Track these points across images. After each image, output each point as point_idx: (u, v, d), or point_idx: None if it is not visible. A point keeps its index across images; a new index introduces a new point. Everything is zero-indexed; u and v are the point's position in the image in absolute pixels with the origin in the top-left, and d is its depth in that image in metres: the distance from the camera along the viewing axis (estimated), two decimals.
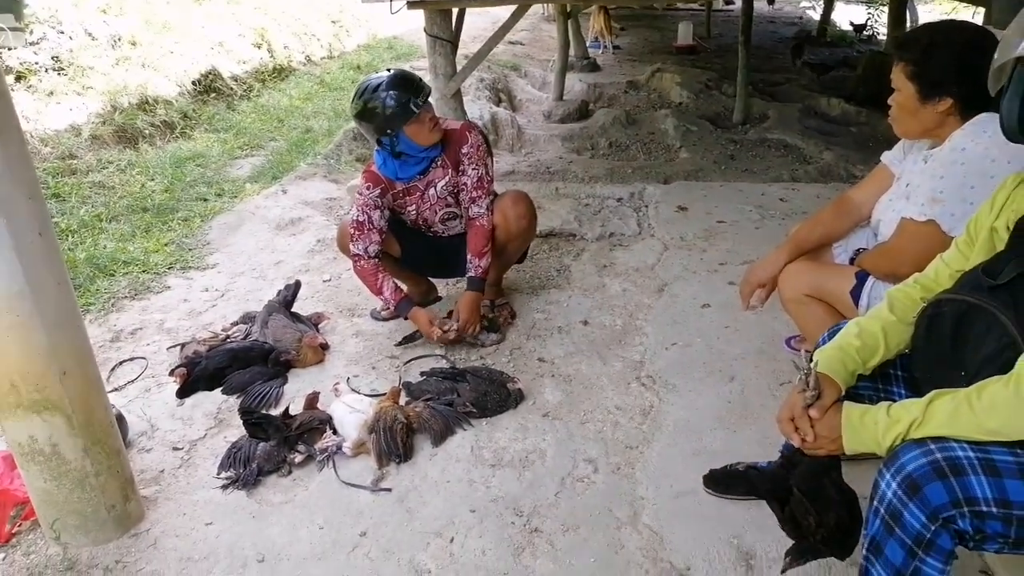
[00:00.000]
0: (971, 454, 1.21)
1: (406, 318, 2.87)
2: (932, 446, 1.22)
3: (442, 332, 2.79)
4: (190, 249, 3.86)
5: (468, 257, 2.90)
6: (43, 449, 1.87)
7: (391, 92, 2.65)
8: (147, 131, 5.44)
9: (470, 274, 2.90)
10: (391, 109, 2.65)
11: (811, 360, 1.46)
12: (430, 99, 2.79)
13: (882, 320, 1.53)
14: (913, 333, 1.48)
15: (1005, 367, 1.22)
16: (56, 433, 1.87)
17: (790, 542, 1.63)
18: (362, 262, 2.83)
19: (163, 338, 3.05)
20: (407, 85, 2.69)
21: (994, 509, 1.19)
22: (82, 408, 1.88)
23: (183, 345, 2.91)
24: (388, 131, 2.70)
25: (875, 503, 1.29)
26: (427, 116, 2.72)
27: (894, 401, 1.34)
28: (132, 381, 2.75)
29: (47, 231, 1.77)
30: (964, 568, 1.74)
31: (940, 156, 1.85)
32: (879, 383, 1.58)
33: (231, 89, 6.76)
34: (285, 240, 4.01)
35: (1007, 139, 1.31)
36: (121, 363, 2.87)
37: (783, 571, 1.65)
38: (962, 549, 1.28)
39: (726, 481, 2.05)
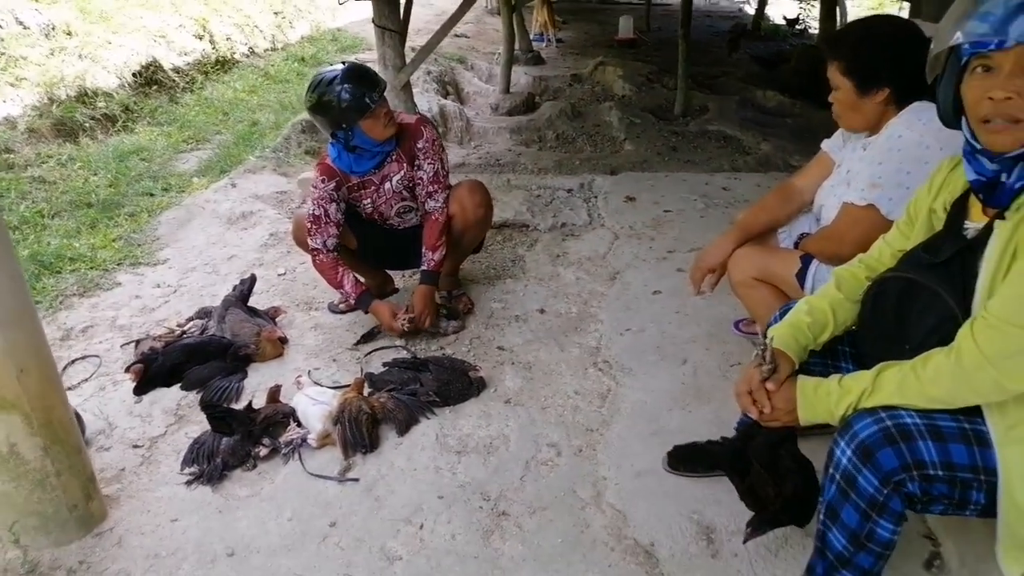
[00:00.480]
0: (918, 420, 1.31)
1: (366, 312, 2.89)
2: (883, 414, 1.32)
3: (404, 323, 2.82)
4: (139, 245, 3.78)
5: (423, 251, 2.92)
6: (0, 450, 1.84)
7: (346, 86, 2.65)
8: (87, 124, 5.28)
9: (424, 267, 2.92)
10: (346, 103, 2.65)
11: (767, 337, 1.55)
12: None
13: (830, 298, 1.64)
14: (860, 310, 1.58)
15: (946, 339, 1.33)
16: (14, 432, 1.83)
17: (747, 515, 1.73)
18: (320, 256, 2.83)
19: (116, 335, 3.00)
20: (362, 79, 2.70)
21: (940, 472, 1.30)
22: (41, 406, 1.86)
23: (138, 342, 2.87)
24: (343, 125, 2.71)
25: (831, 470, 1.38)
26: (382, 111, 2.73)
27: (843, 375, 1.43)
28: (86, 379, 2.70)
29: (0, 228, 1.73)
30: (908, 532, 1.86)
31: (877, 143, 1.96)
32: (828, 359, 1.68)
33: (173, 81, 6.60)
34: (237, 234, 3.97)
35: (943, 124, 1.41)
36: (73, 361, 2.81)
37: (744, 541, 1.75)
38: (908, 514, 1.38)
39: (688, 457, 2.13)
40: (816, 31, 10.72)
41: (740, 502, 1.75)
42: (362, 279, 3.02)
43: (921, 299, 1.40)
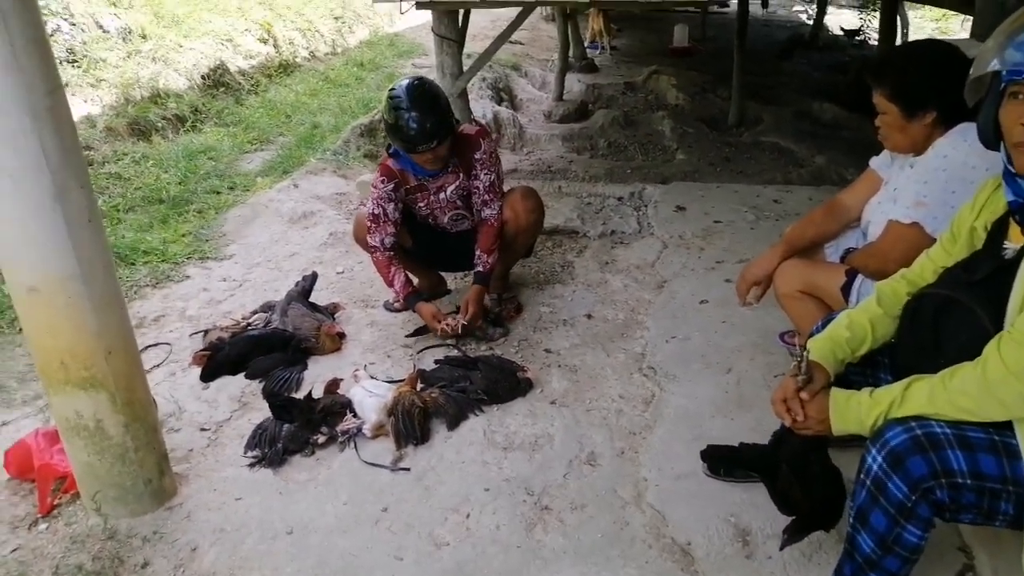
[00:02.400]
0: (948, 431, 1.36)
1: (413, 311, 3.01)
2: (913, 424, 1.38)
3: (446, 326, 2.91)
4: (207, 240, 3.98)
5: (477, 253, 3.03)
6: (87, 424, 2.00)
7: (411, 121, 2.70)
8: (159, 124, 5.55)
9: (478, 269, 3.03)
10: (400, 131, 2.73)
11: (804, 349, 1.61)
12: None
13: (870, 313, 1.69)
14: (898, 324, 1.63)
15: (978, 356, 1.38)
16: (101, 409, 1.99)
17: (783, 520, 1.79)
18: (378, 254, 2.96)
19: (185, 325, 3.18)
20: (424, 118, 2.71)
21: (968, 481, 1.35)
22: (125, 386, 2.01)
23: (206, 332, 3.04)
24: (391, 147, 2.86)
25: (862, 476, 1.44)
26: (428, 156, 2.80)
27: (879, 386, 1.49)
28: (158, 365, 2.88)
29: (96, 217, 1.89)
30: (942, 544, 1.89)
31: (924, 162, 2.00)
32: (868, 370, 1.74)
33: (239, 83, 6.87)
34: (298, 233, 4.14)
35: (984, 147, 1.46)
36: (146, 348, 2.99)
37: (781, 548, 1.81)
38: (942, 525, 1.43)
39: (721, 455, 2.19)
40: (876, 43, 10.56)
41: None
42: (415, 279, 3.14)
43: (956, 316, 1.45)
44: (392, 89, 2.81)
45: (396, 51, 9.87)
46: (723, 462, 2.19)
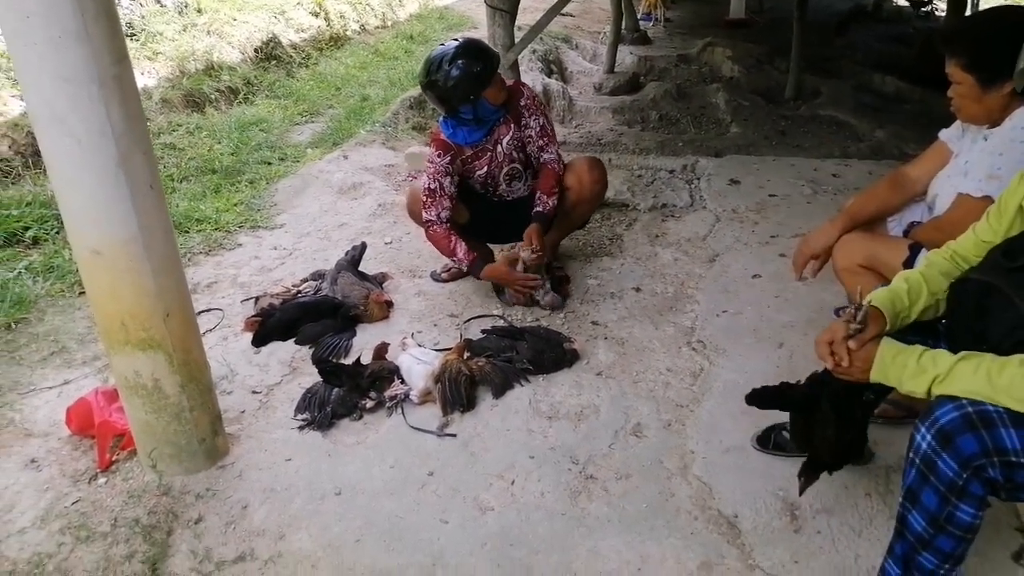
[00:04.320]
0: (1001, 408, 1.31)
1: (479, 277, 3.00)
2: (964, 400, 1.33)
3: (523, 276, 2.92)
4: (258, 210, 4.05)
5: (537, 195, 3.03)
6: (146, 384, 2.06)
7: (470, 60, 2.77)
8: (213, 96, 5.64)
9: (537, 209, 3.01)
10: (472, 76, 2.77)
11: (865, 299, 1.57)
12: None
13: (920, 271, 1.66)
14: (946, 306, 1.58)
15: (1018, 346, 1.34)
16: (158, 369, 2.04)
17: (833, 495, 1.77)
18: (435, 227, 2.96)
19: (237, 291, 3.25)
20: (480, 53, 2.83)
21: (1023, 459, 1.30)
22: (181, 347, 2.06)
23: (257, 298, 3.10)
24: (471, 97, 2.82)
25: (911, 455, 1.41)
26: (496, 85, 2.87)
27: (927, 349, 1.45)
28: (211, 329, 2.95)
29: (156, 184, 1.93)
30: (999, 523, 1.83)
31: (1000, 133, 1.90)
32: (928, 339, 1.68)
33: (290, 57, 6.93)
34: (347, 204, 4.18)
35: None
36: (199, 313, 3.05)
37: (800, 493, 1.84)
38: (1000, 504, 1.38)
39: (768, 396, 2.11)
40: (943, 14, 10.12)
41: (828, 483, 1.79)
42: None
43: (998, 303, 1.41)
44: (437, 59, 2.81)
45: (446, 24, 9.83)
46: (767, 400, 2.12)
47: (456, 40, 2.89)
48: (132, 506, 2.07)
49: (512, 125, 3.01)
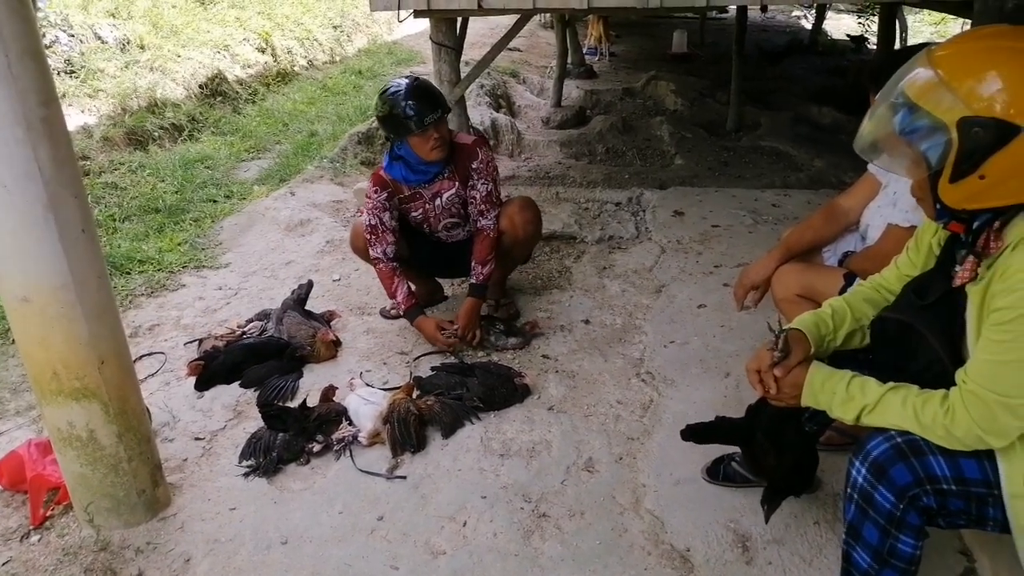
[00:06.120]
0: None
1: (413, 326, 2.98)
2: (893, 431, 1.36)
3: (444, 339, 2.90)
4: (203, 249, 3.97)
5: (472, 264, 2.99)
6: (80, 435, 1.99)
7: (409, 102, 2.72)
8: (156, 133, 5.56)
9: (472, 280, 2.99)
10: (399, 116, 2.73)
11: (782, 327, 1.61)
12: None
13: (845, 297, 1.71)
14: (870, 342, 1.62)
15: (938, 377, 1.38)
16: (93, 419, 1.98)
17: (784, 526, 1.80)
18: (381, 264, 2.93)
19: (180, 334, 3.17)
20: (423, 98, 2.75)
21: (954, 487, 1.34)
22: (117, 396, 2.00)
23: (200, 340, 3.03)
24: (392, 136, 2.83)
25: (848, 490, 1.43)
26: (433, 135, 2.76)
27: (855, 376, 1.48)
28: (152, 375, 2.86)
29: (89, 227, 1.88)
30: (943, 548, 1.87)
31: None
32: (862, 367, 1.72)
33: (236, 93, 6.88)
34: (295, 241, 4.13)
35: None
36: (140, 357, 2.98)
37: (766, 521, 1.85)
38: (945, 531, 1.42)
39: (702, 432, 2.12)
40: (875, 47, 10.56)
41: (778, 513, 1.82)
42: (414, 288, 3.11)
43: (913, 341, 1.45)
44: (384, 88, 2.83)
45: (394, 59, 9.89)
46: (701, 435, 2.15)
47: (415, 77, 2.87)
48: (68, 564, 1.98)
49: (457, 183, 2.95)
